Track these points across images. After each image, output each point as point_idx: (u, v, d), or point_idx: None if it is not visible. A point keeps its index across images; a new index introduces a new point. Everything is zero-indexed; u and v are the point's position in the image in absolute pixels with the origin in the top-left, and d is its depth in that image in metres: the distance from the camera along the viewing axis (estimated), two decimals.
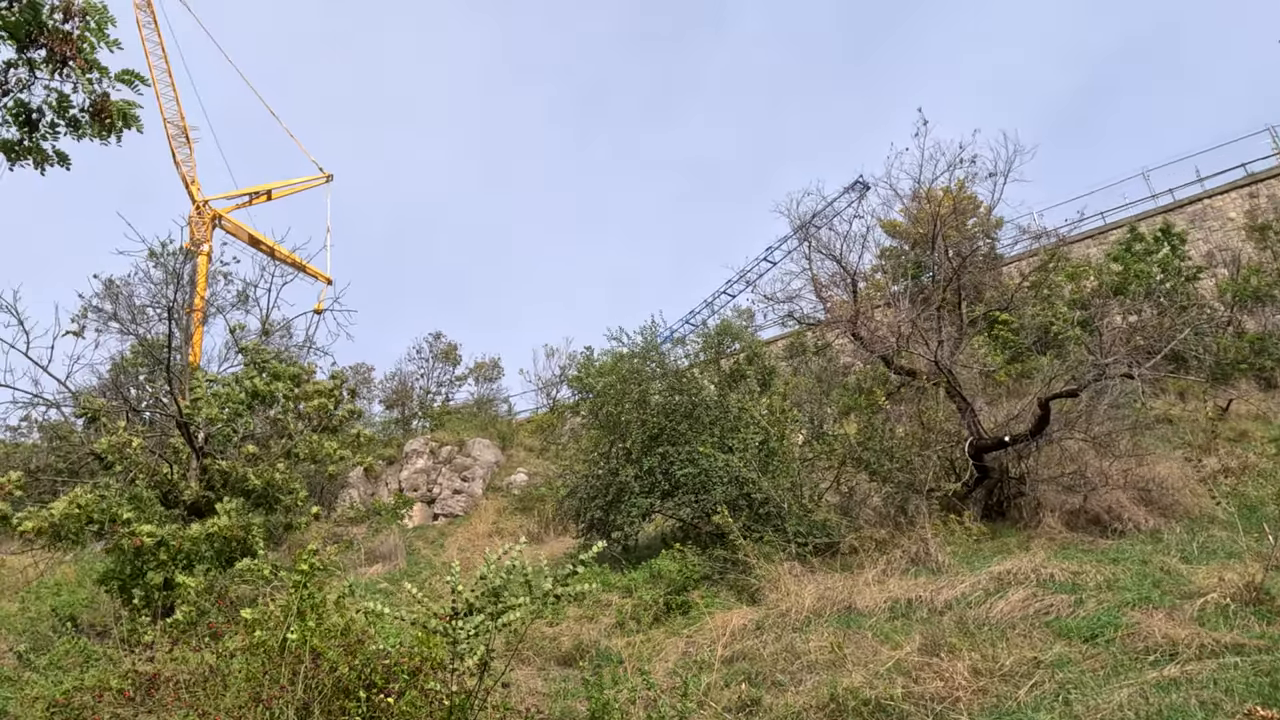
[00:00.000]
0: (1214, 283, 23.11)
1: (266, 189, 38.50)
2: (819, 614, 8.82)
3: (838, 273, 15.48)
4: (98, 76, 6.01)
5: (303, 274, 34.90)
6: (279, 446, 15.43)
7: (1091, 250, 26.84)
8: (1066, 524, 11.74)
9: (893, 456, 12.00)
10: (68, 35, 5.82)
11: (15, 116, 5.97)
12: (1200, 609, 7.05)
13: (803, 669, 7.23)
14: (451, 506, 25.12)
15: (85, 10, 5.84)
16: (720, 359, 16.65)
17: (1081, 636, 6.90)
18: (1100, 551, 10.07)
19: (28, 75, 5.94)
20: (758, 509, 11.67)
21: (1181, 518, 11.30)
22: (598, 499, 13.92)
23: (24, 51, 5.82)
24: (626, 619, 10.60)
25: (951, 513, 12.00)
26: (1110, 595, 7.91)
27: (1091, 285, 23.02)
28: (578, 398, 30.35)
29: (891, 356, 13.83)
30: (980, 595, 8.44)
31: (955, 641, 6.92)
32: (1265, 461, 13.93)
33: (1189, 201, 27.45)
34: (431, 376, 35.46)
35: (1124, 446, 12.84)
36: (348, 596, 7.13)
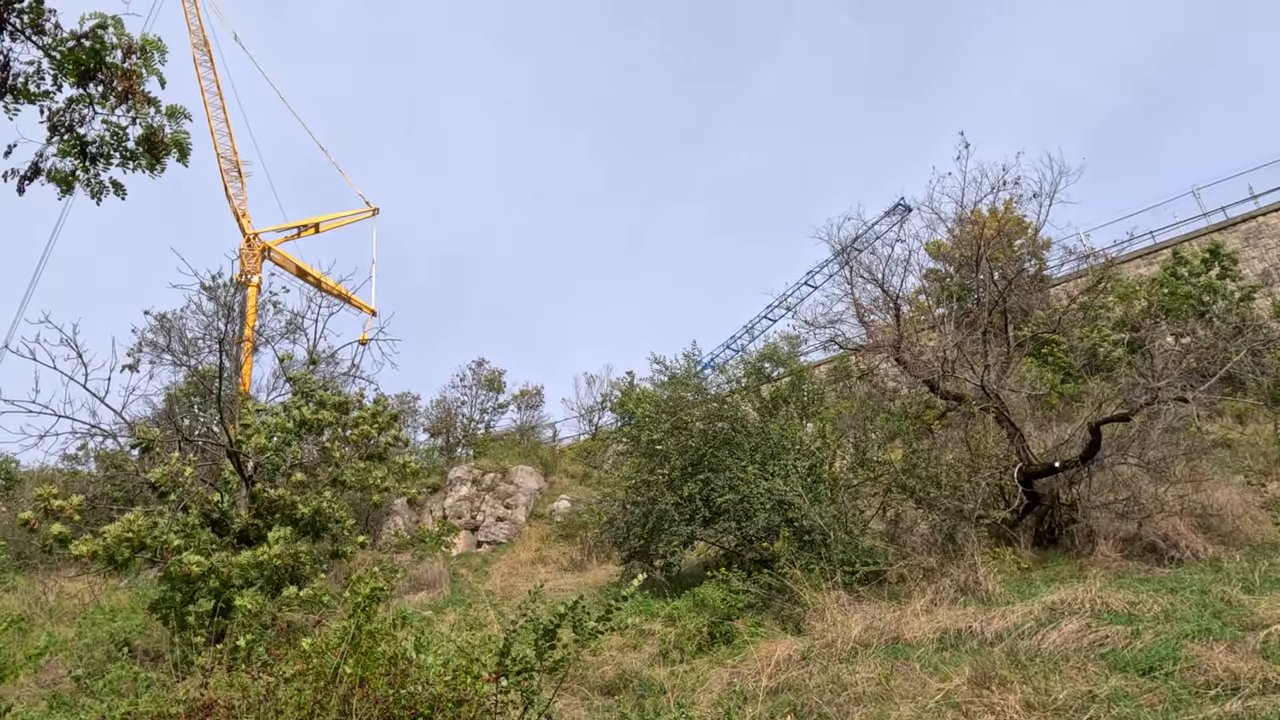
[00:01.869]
0: (1270, 302, 22.49)
1: (314, 222, 39.42)
2: (866, 644, 8.68)
3: (880, 296, 15.36)
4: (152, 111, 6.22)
5: (348, 305, 35.65)
6: (326, 474, 15.66)
7: (1141, 270, 26.31)
8: (1121, 552, 11.45)
9: (939, 483, 11.81)
10: (128, 72, 6.03)
11: (71, 149, 6.19)
12: (1264, 641, 6.80)
13: (849, 701, 7.11)
14: (495, 534, 25.22)
15: (144, 46, 6.06)
16: (761, 384, 16.57)
17: (1138, 669, 6.70)
18: (1157, 581, 9.78)
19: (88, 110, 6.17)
20: (803, 536, 11.54)
21: (1242, 545, 10.95)
22: (638, 527, 13.88)
23: (83, 85, 6.05)
24: (670, 648, 10.52)
25: (1001, 541, 11.77)
26: (1168, 626, 7.67)
27: (1141, 306, 22.55)
28: (620, 424, 30.49)
29: (937, 381, 13.64)
30: (1032, 626, 8.25)
31: (1006, 674, 6.76)
32: None
33: (1242, 219, 26.83)
34: (475, 404, 35.80)
35: (1179, 472, 12.50)
36: (399, 625, 7.16)
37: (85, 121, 5.93)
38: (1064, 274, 26.27)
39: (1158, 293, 21.84)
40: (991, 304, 14.41)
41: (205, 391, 19.13)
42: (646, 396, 18.39)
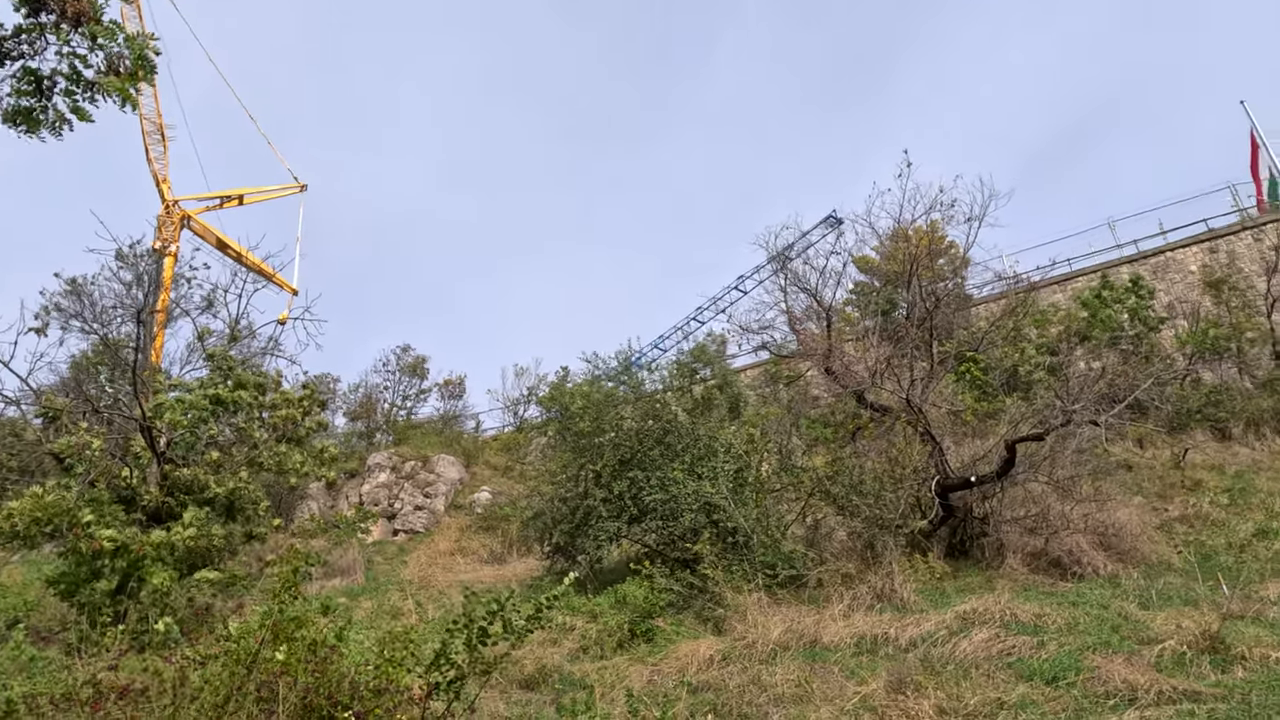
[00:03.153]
0: (1173, 333, 23.69)
1: (239, 193, 38.14)
2: (785, 647, 8.86)
3: (812, 306, 15.69)
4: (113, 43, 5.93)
5: (270, 283, 34.62)
6: (242, 455, 15.22)
7: (1057, 296, 27.40)
8: (1028, 565, 11.93)
9: (862, 492, 12.11)
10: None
11: (25, 85, 5.87)
12: (1158, 655, 7.20)
13: (769, 702, 7.25)
14: (413, 523, 24.86)
15: None
16: (693, 385, 16.75)
17: (1044, 678, 7.00)
18: (1061, 594, 10.23)
19: (39, 40, 5.85)
20: (727, 538, 11.71)
21: (1139, 564, 11.53)
22: (565, 522, 13.87)
23: (34, 16, 5.74)
24: (590, 644, 10.55)
25: (916, 550, 12.13)
26: (1071, 638, 8.03)
27: (1057, 330, 23.51)
28: (546, 417, 30.35)
29: (864, 392, 14.00)
30: (945, 634, 8.53)
31: (921, 680, 6.99)
32: (1218, 511, 14.26)
33: (1153, 253, 28.19)
34: (398, 390, 35.19)
35: (1085, 491, 13.08)
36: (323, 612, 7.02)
37: (38, 52, 5.63)
38: (985, 294, 27.21)
39: (1076, 317, 22.79)
40: (920, 320, 14.85)
41: (115, 361, 18.38)
42: (579, 391, 18.38)
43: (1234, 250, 26.86)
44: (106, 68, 5.77)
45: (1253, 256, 26.04)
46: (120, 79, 5.87)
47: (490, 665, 6.13)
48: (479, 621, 5.98)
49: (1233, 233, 27.52)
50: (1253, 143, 32.21)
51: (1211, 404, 19.72)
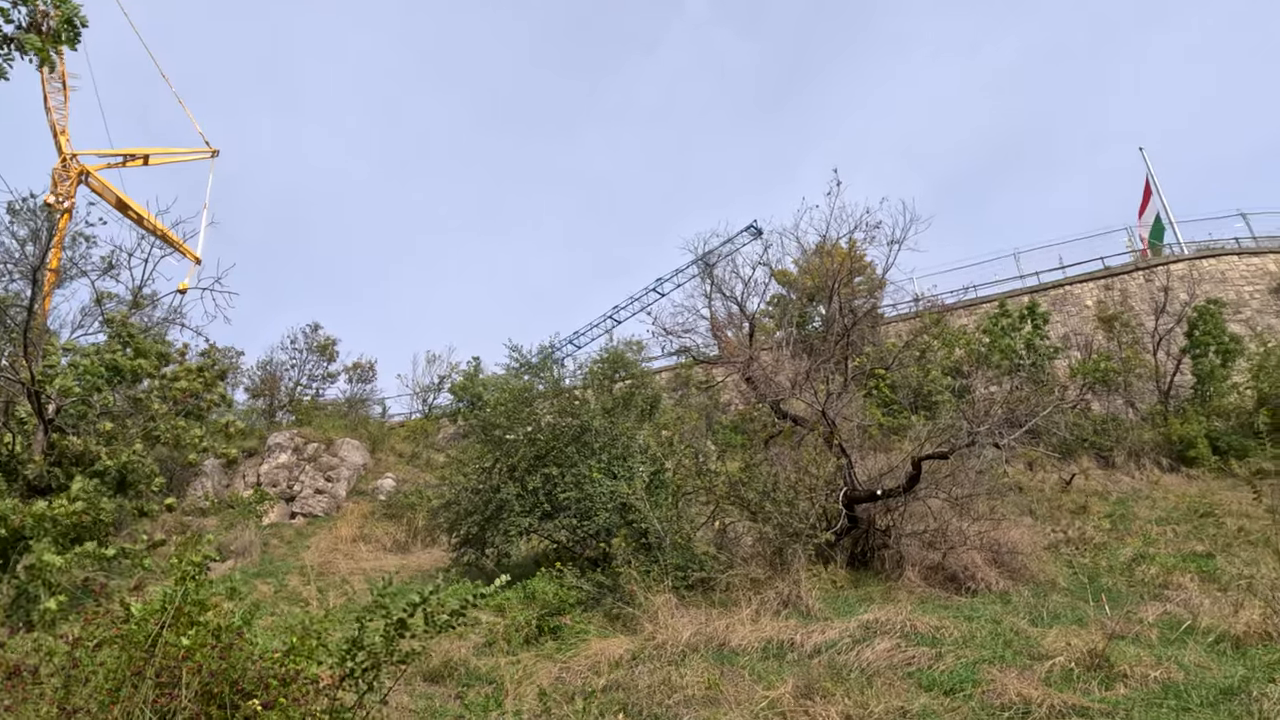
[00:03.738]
0: (1068, 364, 24.92)
1: (144, 153, 36.37)
2: (695, 649, 8.95)
3: (735, 314, 15.91)
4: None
5: (173, 250, 33.07)
6: (138, 426, 14.53)
7: (964, 320, 28.49)
8: (925, 578, 12.34)
9: (775, 499, 12.34)
10: None
11: None
12: (1049, 671, 7.55)
13: (679, 704, 7.32)
14: (312, 506, 24.15)
15: None
16: (612, 384, 16.76)
17: (942, 689, 7.27)
18: (956, 608, 10.63)
19: None
20: (640, 538, 11.77)
21: (1029, 581, 12.06)
22: (476, 514, 13.69)
23: None
24: (497, 639, 10.45)
25: (821, 559, 12.43)
26: (967, 651, 8.36)
27: (962, 353, 24.45)
28: (457, 406, 29.90)
29: (780, 402, 14.26)
30: (849, 642, 8.77)
31: (829, 686, 7.17)
32: (1101, 535, 15.08)
33: (1052, 285, 29.62)
34: (304, 369, 34.14)
35: (982, 509, 13.63)
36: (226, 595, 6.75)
37: None
38: (897, 315, 28.10)
39: (978, 341, 23.73)
40: (839, 336, 15.22)
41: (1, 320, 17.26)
42: (496, 382, 18.19)
43: (1127, 289, 28.44)
44: (29, 24, 5.43)
45: (1144, 295, 27.61)
46: (42, 38, 5.53)
47: (406, 658, 6.01)
48: (399, 613, 5.86)
49: (1126, 272, 29.16)
50: (1146, 188, 34.17)
51: (1099, 433, 20.83)
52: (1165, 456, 20.85)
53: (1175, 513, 16.85)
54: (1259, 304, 27.33)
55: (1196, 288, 26.66)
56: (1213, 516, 16.10)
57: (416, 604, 5.68)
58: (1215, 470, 19.92)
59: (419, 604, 5.68)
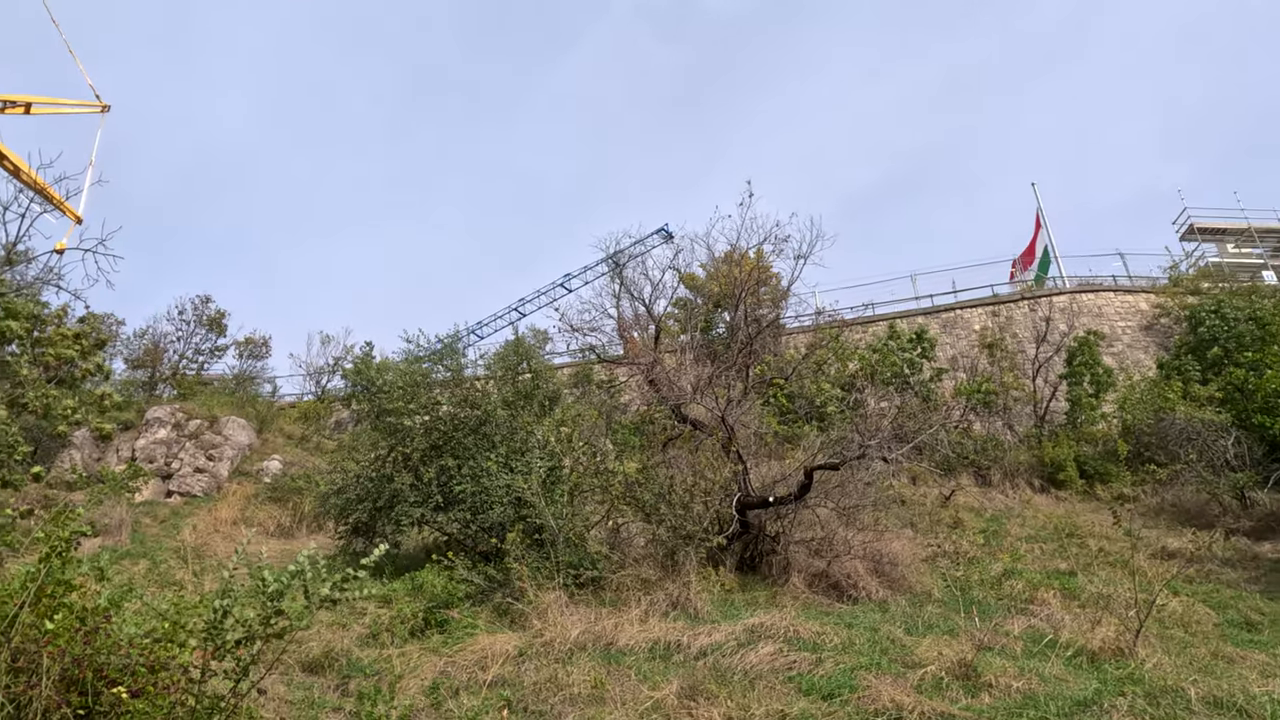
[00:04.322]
0: (954, 384, 26.03)
1: (25, 101, 33.94)
2: (583, 647, 8.98)
3: (642, 316, 16.02)
4: None
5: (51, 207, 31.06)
6: (2, 392, 13.67)
7: (860, 336, 29.40)
8: (810, 585, 12.70)
9: (670, 502, 12.47)
10: None
11: None
12: (921, 679, 7.88)
13: (564, 702, 7.34)
14: (191, 485, 23.11)
15: None
16: (515, 377, 16.64)
17: (821, 694, 7.50)
18: (837, 615, 10.98)
19: None
20: (534, 534, 11.72)
21: (906, 592, 12.55)
22: (367, 502, 13.37)
23: None
24: (382, 630, 10.24)
25: (711, 562, 12.63)
26: (846, 657, 8.64)
27: (856, 368, 25.24)
28: (351, 390, 29.12)
29: (681, 405, 14.43)
30: (734, 645, 8.95)
31: (713, 688, 7.30)
32: (975, 550, 15.80)
33: (945, 309, 30.88)
34: (191, 342, 32.61)
35: (867, 520, 14.11)
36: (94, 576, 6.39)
37: None
38: (797, 327, 28.78)
39: (870, 358, 24.55)
40: (742, 344, 15.50)
41: None
42: (392, 367, 17.79)
43: (1012, 317, 29.88)
44: None
45: (1027, 324, 29.05)
46: None
47: (282, 632, 5.79)
48: (273, 586, 5.62)
49: (1013, 300, 30.66)
50: (1036, 222, 36.04)
51: (979, 452, 21.83)
52: (1038, 477, 22.00)
53: (1043, 531, 17.79)
54: (1129, 339, 29.14)
55: (1075, 320, 28.24)
56: (1077, 537, 17.09)
57: (295, 573, 5.47)
58: (1082, 493, 21.14)
59: (296, 573, 5.47)
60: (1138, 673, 8.38)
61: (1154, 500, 19.87)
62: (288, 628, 5.72)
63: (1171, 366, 25.13)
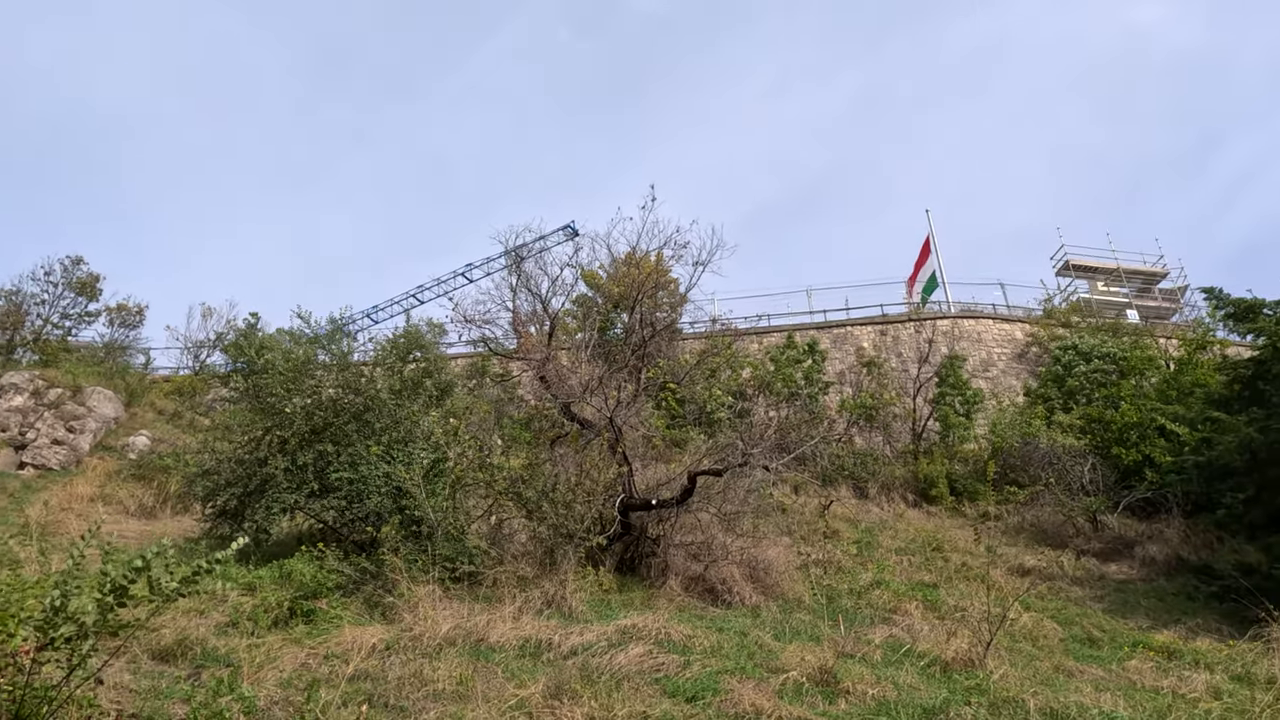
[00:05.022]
0: (839, 398, 26.86)
1: None
2: (452, 642, 8.87)
3: (538, 312, 15.94)
4: None
5: None
6: None
7: (753, 346, 30.01)
8: (686, 588, 12.88)
9: (553, 500, 12.45)
10: None
11: None
12: (782, 684, 8.11)
13: (428, 697, 7.23)
14: (47, 458, 21.73)
15: None
16: (404, 365, 16.28)
17: (685, 696, 7.62)
18: (710, 619, 11.18)
19: None
20: (411, 526, 11.51)
21: (779, 598, 12.87)
22: (237, 485, 12.84)
23: None
24: (242, 619, 9.86)
25: (590, 562, 12.67)
26: (713, 661, 8.81)
27: (747, 377, 25.76)
28: (231, 367, 27.95)
29: (572, 404, 14.42)
30: (604, 645, 9.00)
31: (578, 688, 7.32)
32: (848, 560, 16.35)
33: (836, 324, 31.85)
34: (58, 305, 30.61)
35: (747, 527, 14.41)
36: None
37: None
38: (693, 332, 29.16)
39: (764, 369, 25.09)
40: (636, 346, 15.60)
41: None
42: (274, 346, 17.19)
43: (899, 336, 31.05)
44: None
45: (912, 344, 30.24)
46: None
47: (123, 627, 5.50)
48: (116, 576, 5.30)
49: (900, 321, 31.86)
50: (925, 246, 37.53)
51: (858, 465, 22.59)
52: (911, 492, 22.91)
53: (913, 544, 18.54)
54: (1004, 365, 30.70)
55: (956, 344, 29.59)
56: (942, 551, 17.87)
57: (139, 568, 5.19)
58: (951, 509, 22.12)
59: (141, 568, 5.19)
60: (985, 683, 8.82)
61: (1015, 519, 20.98)
62: (126, 625, 5.44)
63: (1038, 394, 26.59)
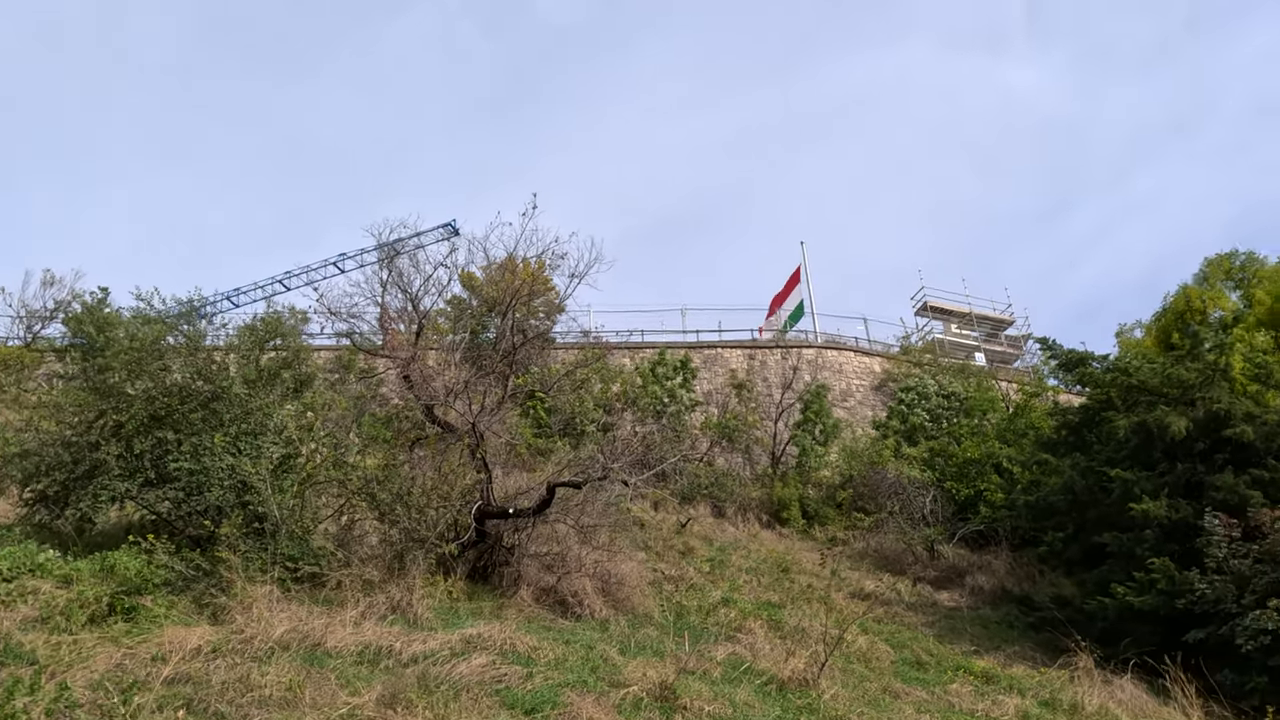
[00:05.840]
0: (704, 418, 27.43)
1: None
2: (286, 646, 8.53)
3: (408, 310, 15.60)
4: None
5: None
6: None
7: (625, 361, 30.31)
8: (538, 599, 12.84)
9: (407, 503, 12.17)
10: None
11: None
12: (621, 699, 8.19)
13: (253, 703, 6.93)
14: None
15: None
16: (262, 353, 15.58)
17: (523, 709, 7.61)
18: (558, 631, 11.18)
19: None
20: (253, 522, 11.00)
21: (629, 613, 12.99)
22: (62, 469, 11.91)
23: None
24: (55, 614, 9.18)
25: (442, 569, 12.45)
26: (557, 673, 8.82)
27: (617, 391, 25.97)
28: (70, 342, 26.08)
29: (435, 407, 14.17)
30: (447, 654, 8.85)
31: (414, 697, 7.18)
32: (700, 577, 16.67)
33: (708, 345, 32.61)
34: None
35: (603, 540, 14.48)
36: None
37: None
38: (566, 342, 29.22)
39: (633, 384, 25.36)
40: (506, 352, 15.49)
41: None
42: (119, 324, 16.17)
43: (766, 361, 32.05)
44: None
45: (779, 370, 31.23)
46: None
47: None
48: None
49: (768, 347, 32.96)
50: (795, 275, 38.91)
51: (717, 485, 23.09)
52: (766, 514, 23.58)
53: (764, 565, 19.05)
54: (861, 396, 32.13)
55: (819, 373, 30.76)
56: (790, 573, 18.47)
57: None
58: (802, 532, 22.90)
59: None
60: (816, 703, 9.20)
61: (861, 545, 21.91)
62: None
63: (889, 426, 27.94)
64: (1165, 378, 15.69)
